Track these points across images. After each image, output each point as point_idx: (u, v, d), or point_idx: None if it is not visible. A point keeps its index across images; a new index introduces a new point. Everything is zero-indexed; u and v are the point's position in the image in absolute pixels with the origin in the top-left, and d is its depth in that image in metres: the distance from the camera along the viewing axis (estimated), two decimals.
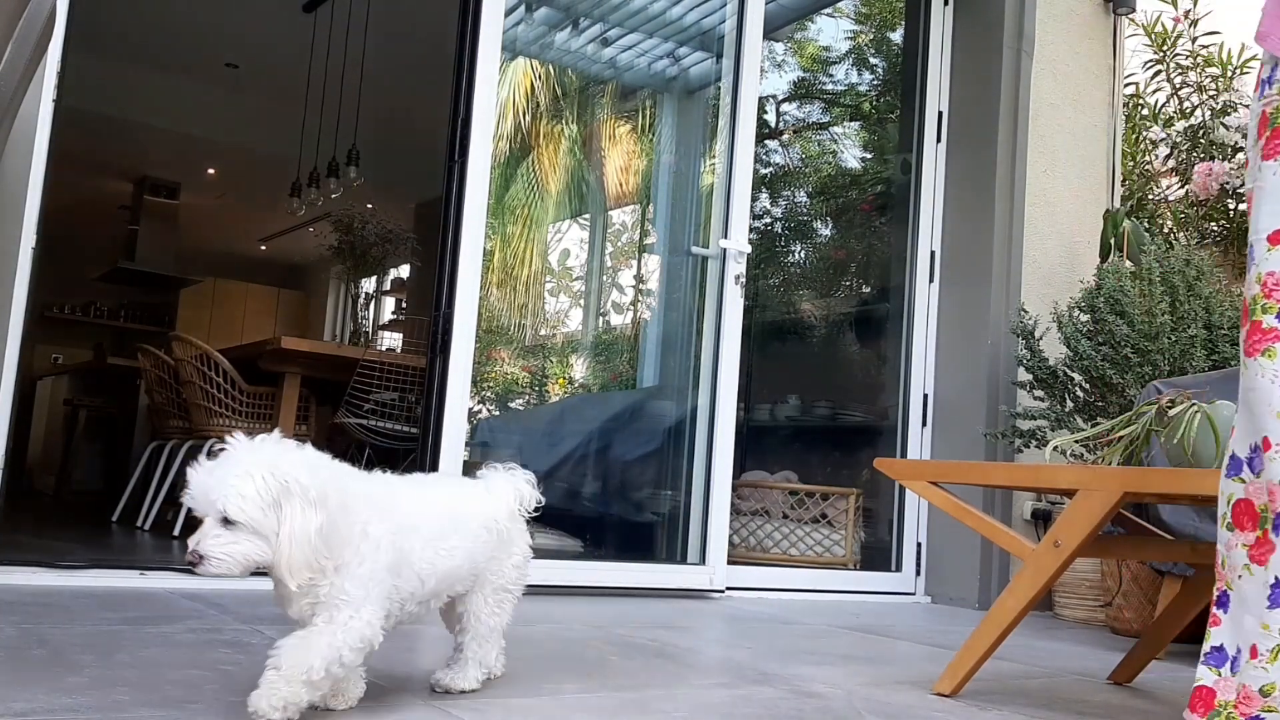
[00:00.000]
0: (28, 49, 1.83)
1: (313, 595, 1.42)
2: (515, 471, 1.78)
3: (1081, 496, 1.98)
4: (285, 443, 1.42)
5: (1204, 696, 1.37)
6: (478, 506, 1.69)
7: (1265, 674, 1.31)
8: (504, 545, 1.71)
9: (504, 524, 1.70)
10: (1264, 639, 1.32)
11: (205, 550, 1.34)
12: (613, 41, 5.05)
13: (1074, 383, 3.80)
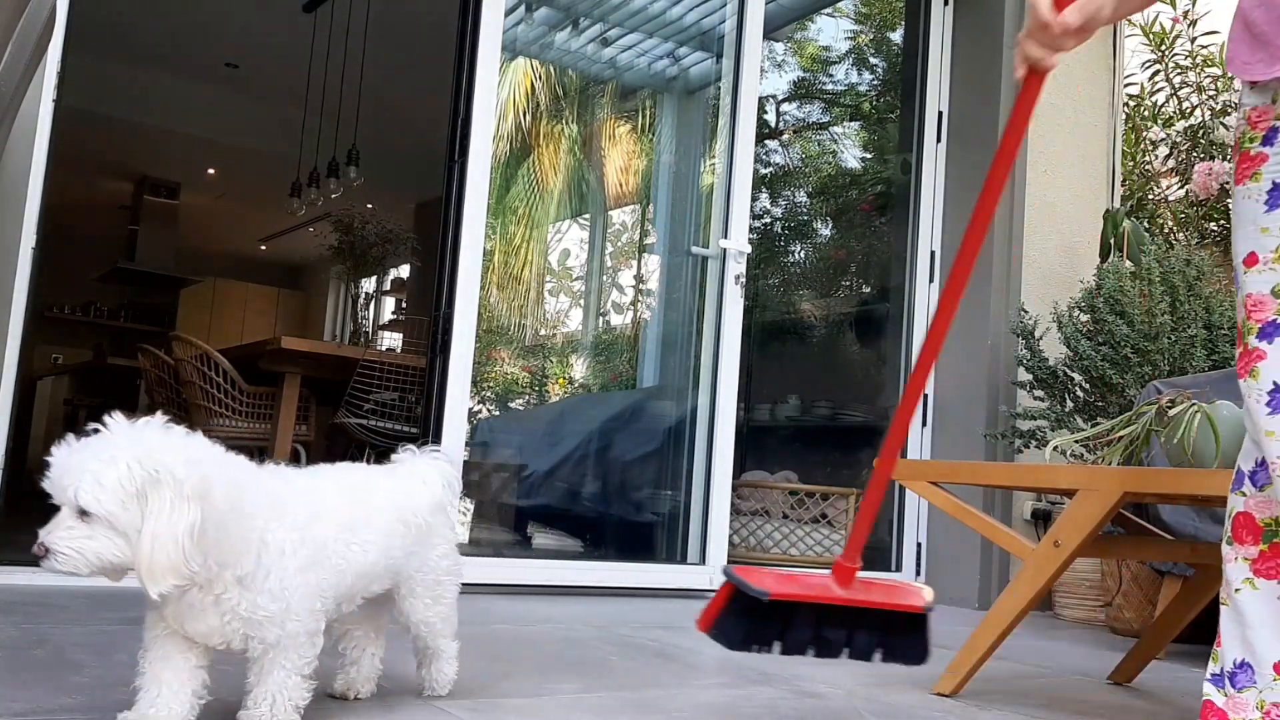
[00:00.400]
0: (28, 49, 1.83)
1: (223, 612, 1.28)
2: (437, 456, 1.63)
3: (1081, 496, 1.98)
4: (169, 428, 1.25)
5: (1216, 714, 1.37)
6: (393, 497, 1.53)
7: (1277, 689, 1.31)
8: (425, 538, 1.57)
9: (424, 517, 1.56)
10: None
11: (51, 543, 1.17)
12: (613, 41, 5.05)
13: (1074, 383, 3.80)
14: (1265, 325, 1.31)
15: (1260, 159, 1.32)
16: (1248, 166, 1.33)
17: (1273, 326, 1.30)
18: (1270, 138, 1.32)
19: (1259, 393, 1.31)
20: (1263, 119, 1.33)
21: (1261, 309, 1.31)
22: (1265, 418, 1.30)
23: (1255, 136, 1.33)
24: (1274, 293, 1.30)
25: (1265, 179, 1.31)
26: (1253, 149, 1.33)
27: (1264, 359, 1.31)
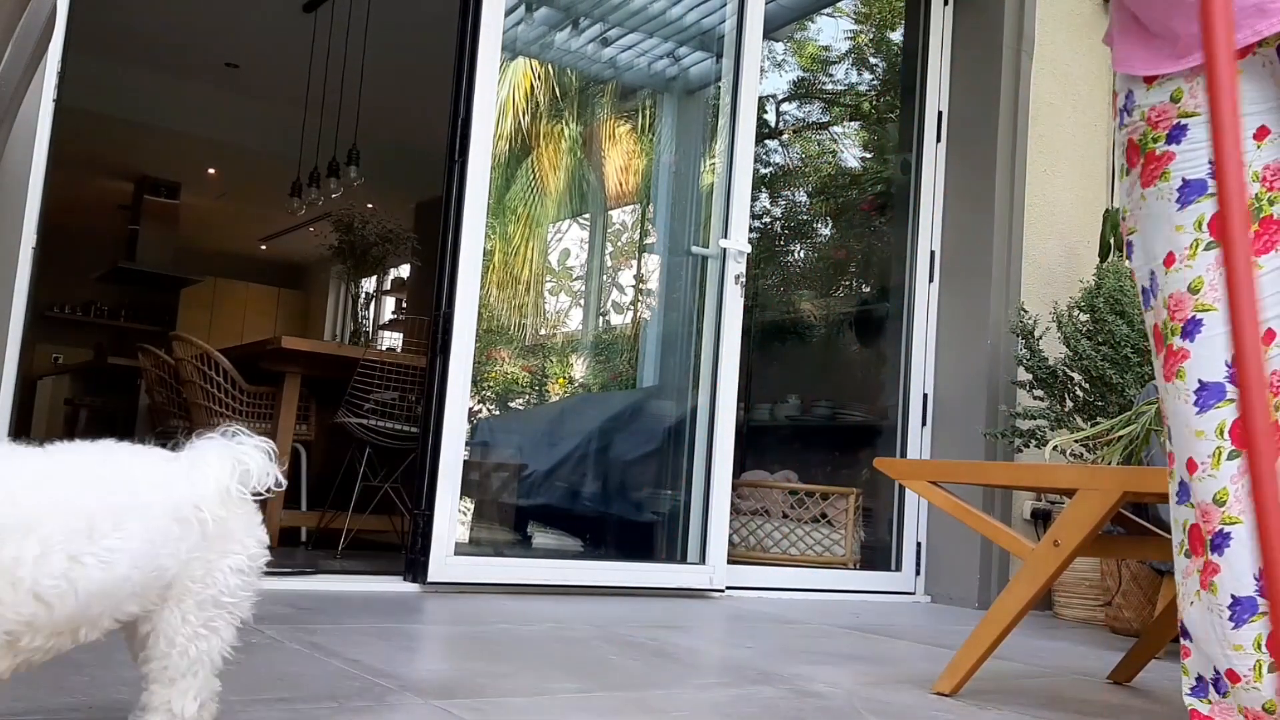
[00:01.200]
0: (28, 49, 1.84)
1: None
2: (240, 439, 1.28)
3: (1081, 496, 1.98)
4: None
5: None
6: (166, 489, 1.16)
7: (1260, 693, 1.29)
8: (214, 541, 1.20)
9: (212, 511, 1.19)
10: (1240, 660, 1.29)
11: None
12: (613, 41, 5.05)
13: (1074, 382, 3.80)
14: (1186, 323, 1.29)
15: (1167, 158, 1.30)
16: (1155, 167, 1.32)
17: (1193, 324, 1.28)
18: (1175, 135, 1.30)
19: (1186, 393, 1.29)
20: (1163, 118, 1.31)
21: (1182, 307, 1.30)
22: (1195, 418, 1.28)
23: (1158, 136, 1.32)
24: (1190, 289, 1.29)
25: (1174, 177, 1.30)
26: (1157, 149, 1.32)
27: (1188, 358, 1.29)
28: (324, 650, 2.00)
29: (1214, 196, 1.26)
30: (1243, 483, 1.25)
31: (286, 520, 4.38)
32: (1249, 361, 1.07)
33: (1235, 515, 1.25)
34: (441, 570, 3.09)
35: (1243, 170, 1.27)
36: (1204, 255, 1.28)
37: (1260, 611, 1.26)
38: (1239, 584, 1.26)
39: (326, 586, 3.06)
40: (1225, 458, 1.26)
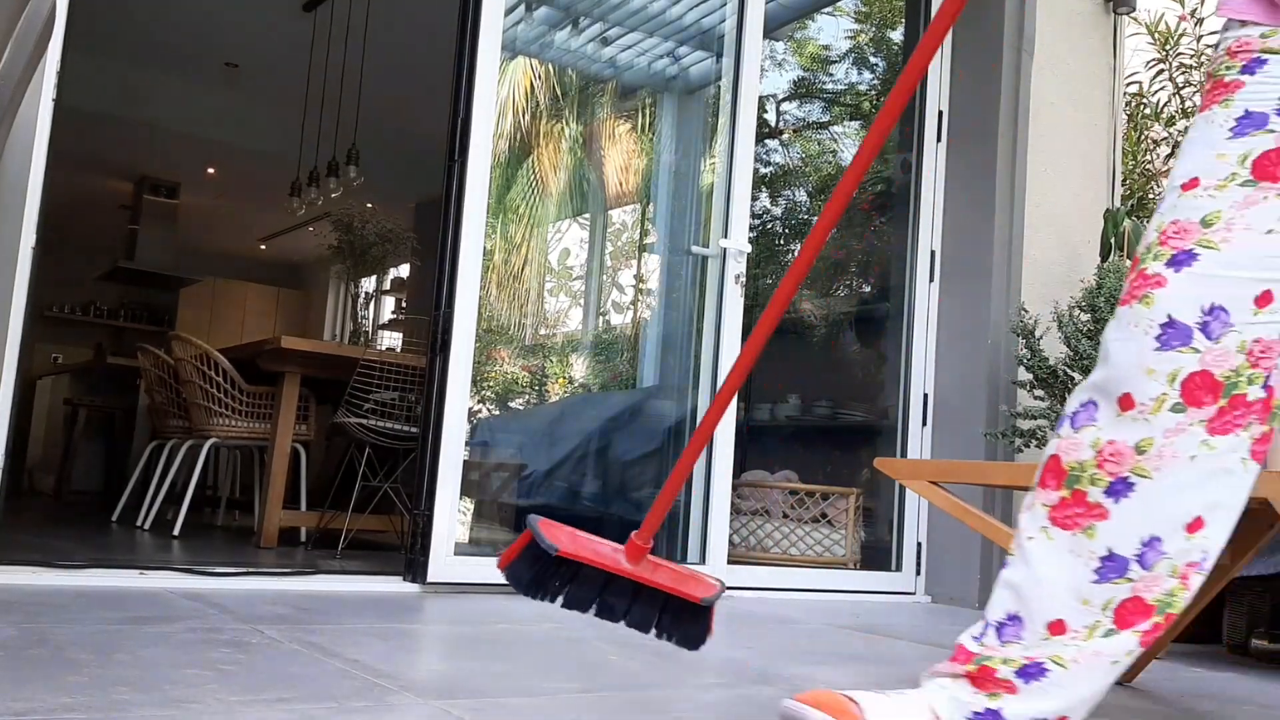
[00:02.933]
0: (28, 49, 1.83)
1: None
2: None
3: None
4: None
5: (965, 655, 1.22)
6: None
7: (1061, 648, 1.16)
8: None
9: None
10: (1082, 614, 1.17)
11: None
12: (612, 41, 5.05)
13: (1074, 382, 3.80)
14: (1180, 253, 1.16)
15: (1236, 85, 1.19)
16: (1219, 93, 1.20)
17: (1186, 255, 1.16)
18: (1251, 67, 1.19)
19: (1149, 323, 1.16)
20: (1244, 49, 1.20)
21: (1183, 236, 1.17)
22: (1152, 353, 1.15)
23: (1233, 65, 1.21)
24: (1204, 222, 1.16)
25: (1237, 105, 1.18)
26: (1228, 76, 1.21)
27: (1162, 286, 1.17)
28: (324, 650, 1.99)
29: (1274, 134, 1.16)
30: (1172, 441, 1.13)
31: (286, 520, 4.38)
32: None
33: (1148, 470, 1.14)
34: (441, 570, 3.09)
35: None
36: (1235, 190, 1.16)
37: (1127, 577, 1.15)
38: (1121, 541, 1.15)
39: (326, 586, 3.05)
40: (1168, 407, 1.14)
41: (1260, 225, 1.14)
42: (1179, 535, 1.15)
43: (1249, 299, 1.14)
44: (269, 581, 3.02)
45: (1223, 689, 2.47)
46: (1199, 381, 1.14)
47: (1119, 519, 1.14)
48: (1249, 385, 1.15)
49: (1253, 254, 1.14)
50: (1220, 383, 1.14)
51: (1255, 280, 1.14)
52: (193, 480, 4.50)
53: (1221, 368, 1.14)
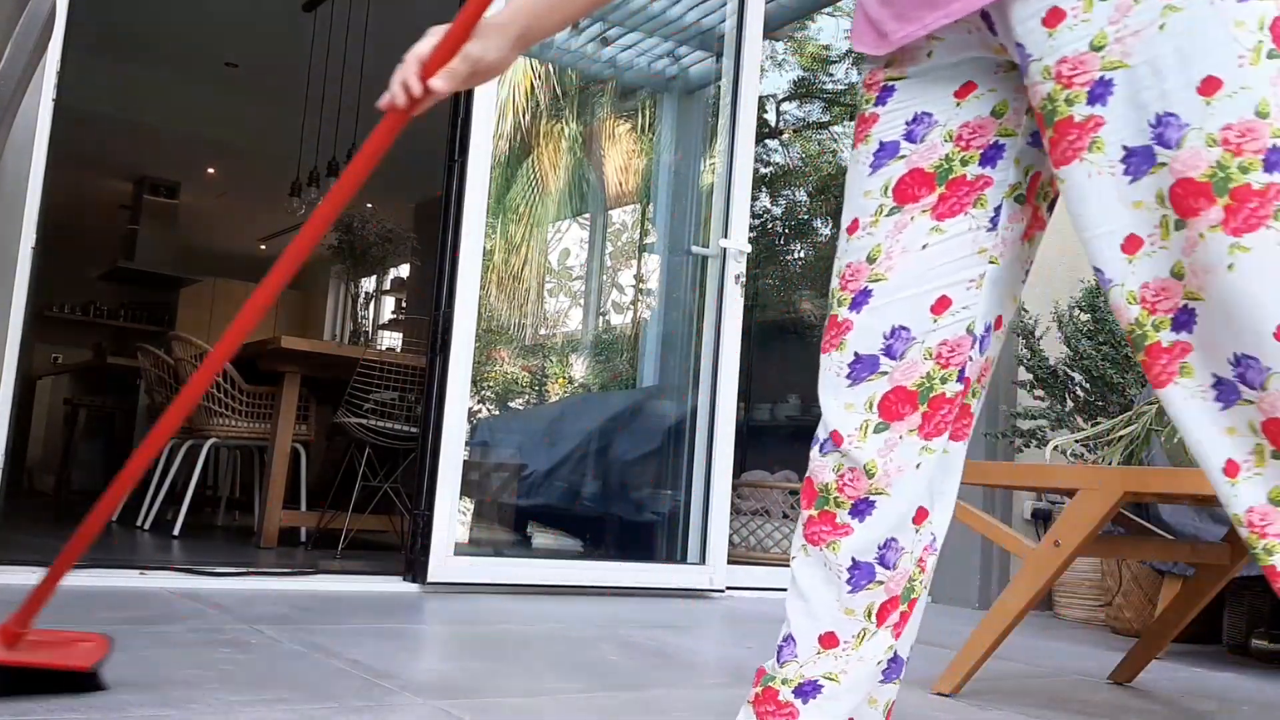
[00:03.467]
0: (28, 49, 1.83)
1: None
2: None
3: (1082, 496, 1.98)
4: None
5: (762, 671, 1.25)
6: None
7: (834, 662, 1.19)
8: None
9: None
10: (849, 624, 1.19)
11: None
12: (612, 41, 5.05)
13: (1074, 382, 3.80)
14: (858, 294, 1.20)
15: (872, 119, 1.22)
16: (861, 130, 1.24)
17: (863, 295, 1.20)
18: (883, 98, 1.22)
19: (839, 365, 1.21)
20: (874, 81, 1.24)
21: (857, 278, 1.21)
22: (847, 391, 1.20)
23: (870, 99, 1.24)
24: (869, 258, 1.20)
25: (873, 139, 1.21)
26: (866, 110, 1.23)
27: (850, 329, 1.21)
28: (324, 650, 2.00)
29: (905, 159, 1.19)
30: (890, 456, 1.18)
31: (286, 520, 4.38)
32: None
33: (882, 487, 1.18)
34: (441, 570, 3.09)
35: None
36: (885, 221, 1.19)
37: (877, 580, 1.19)
38: (864, 551, 1.18)
39: (326, 586, 3.05)
40: (873, 430, 1.18)
41: (915, 244, 1.18)
42: (909, 530, 1.20)
43: (925, 309, 1.18)
44: (269, 581, 3.02)
45: (1223, 689, 2.47)
46: (894, 398, 1.18)
47: (860, 535, 1.18)
48: (944, 384, 1.19)
49: (916, 272, 1.18)
50: (914, 392, 1.18)
51: (928, 292, 1.18)
52: (193, 480, 4.50)
53: (912, 378, 1.18)
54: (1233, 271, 0.97)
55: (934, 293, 1.18)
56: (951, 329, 1.18)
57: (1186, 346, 1.02)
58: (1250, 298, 0.97)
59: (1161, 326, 1.04)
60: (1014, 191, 1.20)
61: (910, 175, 1.19)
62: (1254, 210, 0.97)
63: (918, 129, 1.19)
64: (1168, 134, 1.00)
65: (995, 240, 1.19)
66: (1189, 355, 1.03)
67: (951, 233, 1.18)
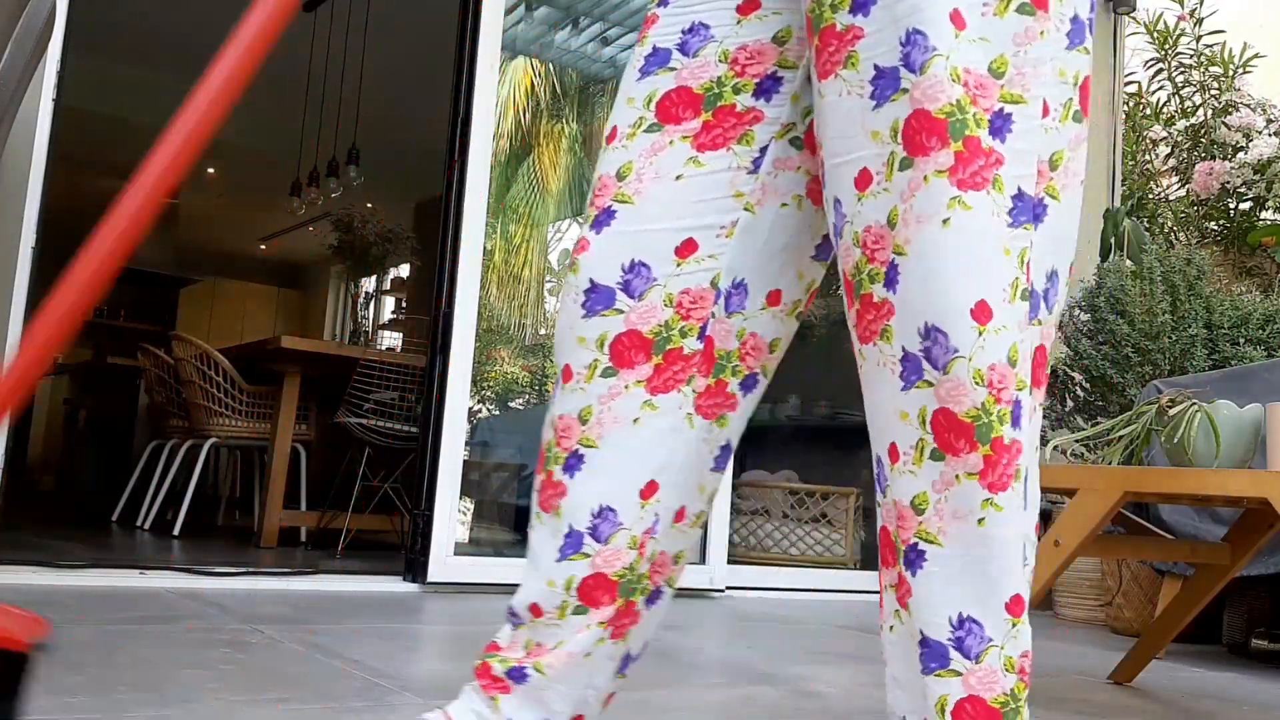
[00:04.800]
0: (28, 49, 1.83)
1: None
2: None
3: (1082, 496, 1.98)
4: None
5: (490, 646, 1.15)
6: None
7: (544, 630, 1.09)
8: None
9: None
10: (550, 596, 1.10)
11: None
12: (612, 41, 5.05)
13: (1074, 382, 3.80)
14: (601, 213, 1.08)
15: (652, 20, 1.11)
16: (643, 30, 1.13)
17: (606, 214, 1.07)
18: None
19: (576, 290, 1.07)
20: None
21: (604, 193, 1.08)
22: (580, 321, 1.06)
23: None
24: (618, 174, 1.07)
25: (649, 42, 1.10)
26: (650, 8, 1.13)
27: (585, 250, 1.07)
28: (324, 650, 2.00)
29: (675, 71, 1.07)
30: (610, 405, 1.06)
31: (286, 520, 4.38)
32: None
33: (593, 439, 1.06)
34: (441, 570, 3.09)
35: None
36: (642, 137, 1.07)
37: (583, 552, 1.07)
38: (576, 515, 1.08)
39: (326, 586, 3.05)
40: (600, 373, 1.06)
41: (669, 171, 1.06)
42: (633, 504, 1.07)
43: (669, 250, 1.06)
44: (269, 581, 3.02)
45: (1223, 689, 2.47)
46: (627, 341, 1.06)
47: (574, 494, 1.07)
48: (683, 339, 1.07)
49: (665, 203, 1.06)
50: (650, 340, 1.06)
51: (673, 230, 1.06)
52: (193, 480, 4.50)
53: (649, 324, 1.06)
54: (947, 227, 0.89)
55: (681, 233, 1.06)
56: (694, 277, 1.06)
57: (892, 308, 0.92)
58: (954, 263, 0.89)
59: (876, 278, 0.93)
60: (786, 133, 1.08)
61: (677, 92, 1.07)
62: (981, 169, 0.90)
63: (692, 40, 1.08)
64: (914, 55, 0.91)
65: (755, 185, 1.07)
66: (891, 319, 0.93)
67: (710, 168, 1.06)
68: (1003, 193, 0.90)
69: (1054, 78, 0.95)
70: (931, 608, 0.93)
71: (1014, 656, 0.92)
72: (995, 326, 0.89)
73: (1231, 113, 5.04)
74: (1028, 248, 0.92)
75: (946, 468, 0.90)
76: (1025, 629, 0.93)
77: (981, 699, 0.92)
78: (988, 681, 0.92)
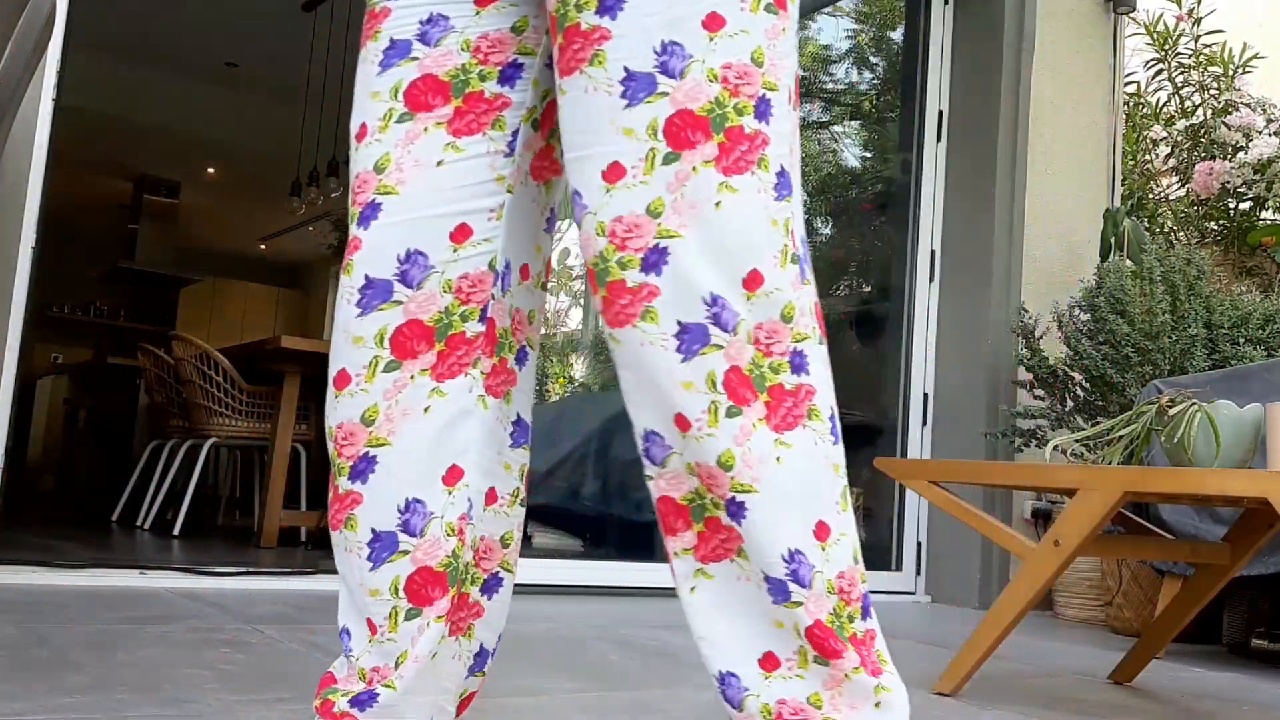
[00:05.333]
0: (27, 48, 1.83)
1: None
2: None
3: (1082, 496, 1.98)
4: None
5: (326, 680, 1.11)
6: None
7: (395, 644, 1.06)
8: None
9: None
10: (377, 606, 1.07)
11: None
12: None
13: (1074, 382, 3.80)
14: (366, 209, 1.07)
15: (383, 14, 1.12)
16: (371, 25, 1.13)
17: (372, 209, 1.07)
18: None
19: (350, 291, 1.07)
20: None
21: (365, 189, 1.08)
22: (355, 321, 1.06)
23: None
24: (377, 167, 1.08)
25: (384, 35, 1.11)
26: (377, 5, 1.13)
27: (358, 248, 1.07)
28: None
29: (418, 61, 1.08)
30: (397, 399, 1.05)
31: (286, 520, 4.39)
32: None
33: (384, 436, 1.06)
34: None
35: None
36: (395, 128, 1.08)
37: (401, 550, 1.05)
38: (381, 517, 1.06)
39: (326, 586, 3.05)
40: (382, 369, 1.05)
41: (429, 159, 1.08)
42: (440, 491, 1.07)
43: (444, 236, 1.07)
44: (269, 581, 3.02)
45: (1223, 689, 2.47)
46: (408, 332, 1.06)
47: (372, 497, 1.05)
48: (464, 323, 1.08)
49: (431, 191, 1.07)
50: (431, 328, 1.07)
51: (445, 216, 1.07)
52: (192, 480, 4.50)
53: (429, 312, 1.07)
54: (720, 210, 0.96)
55: (454, 218, 1.08)
56: (473, 262, 1.09)
57: (654, 290, 0.97)
58: (732, 237, 0.97)
59: (629, 265, 0.98)
60: (530, 116, 1.12)
61: (424, 80, 1.08)
62: (744, 154, 0.97)
63: (433, 31, 1.09)
64: (672, 63, 0.97)
65: (513, 168, 1.11)
66: (655, 300, 0.97)
67: (470, 153, 1.08)
68: (768, 171, 0.99)
69: (793, 71, 1.05)
70: (765, 550, 0.99)
71: (831, 579, 0.99)
72: (767, 290, 0.97)
73: (1231, 112, 5.04)
74: (791, 218, 1.01)
75: (744, 420, 0.97)
76: (838, 550, 1.00)
77: (820, 619, 0.99)
78: (819, 604, 0.99)
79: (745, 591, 1.01)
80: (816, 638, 0.98)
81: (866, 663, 0.99)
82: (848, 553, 1.01)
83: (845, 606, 1.00)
